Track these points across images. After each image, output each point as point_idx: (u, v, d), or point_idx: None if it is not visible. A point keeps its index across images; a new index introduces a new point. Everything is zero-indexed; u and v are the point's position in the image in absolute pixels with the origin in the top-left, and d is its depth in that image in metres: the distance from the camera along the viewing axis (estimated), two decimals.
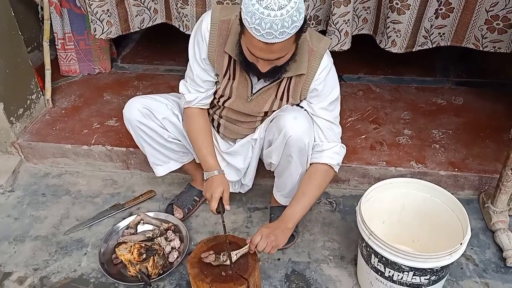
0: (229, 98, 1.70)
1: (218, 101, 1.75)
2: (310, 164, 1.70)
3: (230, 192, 1.72)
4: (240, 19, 1.38)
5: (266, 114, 1.73)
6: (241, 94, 1.67)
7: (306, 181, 1.70)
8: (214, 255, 1.63)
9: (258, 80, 1.62)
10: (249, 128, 1.80)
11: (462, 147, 2.18)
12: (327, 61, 1.59)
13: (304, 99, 1.65)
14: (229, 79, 1.66)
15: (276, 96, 1.66)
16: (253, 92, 1.65)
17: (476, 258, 1.82)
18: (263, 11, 1.30)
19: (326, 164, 1.66)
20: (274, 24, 1.30)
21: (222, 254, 1.62)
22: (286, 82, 1.62)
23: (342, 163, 1.75)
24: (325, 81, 1.60)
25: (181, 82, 1.76)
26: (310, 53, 1.56)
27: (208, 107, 1.78)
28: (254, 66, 1.48)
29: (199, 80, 1.69)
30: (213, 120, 1.85)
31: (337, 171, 1.71)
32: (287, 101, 1.67)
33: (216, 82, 1.72)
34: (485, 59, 2.28)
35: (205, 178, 1.71)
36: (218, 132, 1.87)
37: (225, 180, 1.70)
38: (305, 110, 1.66)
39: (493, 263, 1.80)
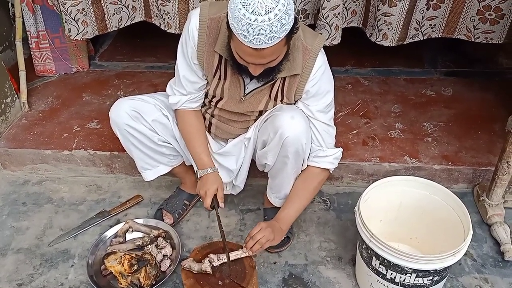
0: (221, 99, 1.64)
1: (211, 101, 1.68)
2: (308, 166, 1.65)
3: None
4: (228, 23, 1.30)
5: (260, 113, 1.67)
6: (233, 94, 1.61)
7: (302, 183, 1.67)
8: (207, 261, 1.58)
9: (251, 80, 1.55)
10: (242, 127, 1.74)
11: (454, 139, 2.16)
12: (321, 60, 1.53)
13: (299, 99, 1.59)
14: (219, 79, 1.59)
15: (270, 96, 1.59)
16: (246, 92, 1.59)
17: (474, 253, 1.81)
18: (250, 16, 1.23)
19: (327, 169, 1.66)
20: (262, 30, 1.23)
21: (217, 255, 1.59)
22: (280, 82, 1.56)
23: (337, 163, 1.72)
24: (320, 81, 1.55)
25: (168, 83, 1.70)
26: (304, 52, 1.49)
27: (198, 109, 1.72)
28: (246, 68, 1.41)
29: (184, 81, 1.62)
30: (204, 119, 1.78)
31: (331, 172, 1.71)
32: (281, 101, 1.61)
33: (205, 85, 1.65)
34: (473, 48, 2.27)
35: (198, 177, 1.67)
36: (209, 132, 1.80)
37: (219, 178, 1.68)
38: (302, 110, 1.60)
39: (491, 257, 1.79)
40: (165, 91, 1.73)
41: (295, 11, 2.04)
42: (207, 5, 1.51)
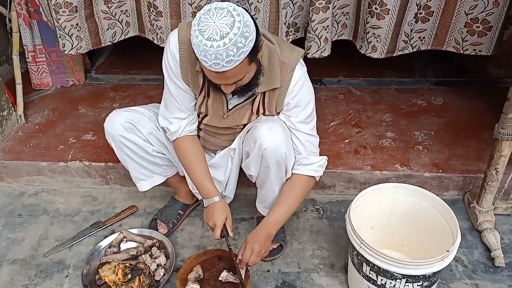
0: (206, 115, 1.67)
1: (197, 116, 1.70)
2: (293, 173, 1.67)
3: None
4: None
5: (244, 126, 1.69)
6: (216, 111, 1.64)
7: (289, 189, 1.67)
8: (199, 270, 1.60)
9: (233, 96, 1.58)
10: (228, 140, 1.76)
11: (445, 147, 2.19)
12: (300, 73, 1.54)
13: (281, 111, 1.62)
14: (204, 96, 1.62)
15: (252, 110, 1.62)
16: (229, 108, 1.62)
17: (465, 259, 1.82)
18: (206, 43, 1.26)
19: (312, 176, 1.67)
20: (219, 55, 1.26)
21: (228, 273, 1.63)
22: (261, 97, 1.58)
23: (327, 168, 1.74)
24: (300, 93, 1.56)
25: (160, 117, 1.71)
26: (281, 66, 1.51)
27: (196, 133, 1.73)
28: (220, 87, 1.45)
29: (180, 104, 1.63)
30: None
31: (317, 180, 1.72)
32: (263, 113, 1.63)
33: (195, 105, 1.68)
34: (463, 58, 2.31)
35: (205, 206, 1.64)
36: None
37: (226, 206, 1.64)
38: (283, 121, 1.62)
39: (482, 263, 1.81)
40: (160, 103, 1.74)
41: (285, 24, 2.10)
42: (185, 26, 1.52)
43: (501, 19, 2.00)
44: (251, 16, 1.34)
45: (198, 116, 1.70)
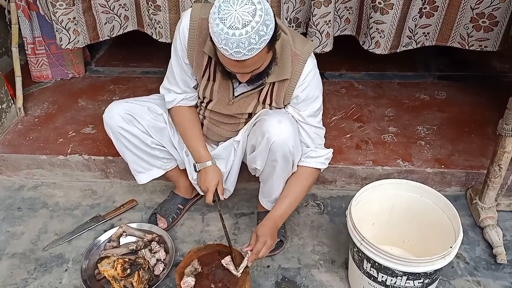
0: (211, 100, 1.66)
1: (202, 103, 1.70)
2: (298, 166, 1.67)
3: None
4: (210, 35, 1.32)
5: (250, 116, 1.68)
6: (222, 97, 1.63)
7: (294, 182, 1.69)
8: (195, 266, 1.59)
9: (240, 84, 1.57)
10: (232, 130, 1.75)
11: (447, 143, 2.17)
12: (311, 65, 1.54)
13: (288, 104, 1.61)
14: (208, 80, 1.61)
15: (258, 100, 1.61)
16: (235, 95, 1.61)
17: (467, 256, 1.81)
18: (228, 31, 1.25)
19: (318, 169, 1.68)
20: (241, 43, 1.25)
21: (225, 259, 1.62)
22: (269, 87, 1.57)
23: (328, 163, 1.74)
24: (309, 87, 1.56)
25: (161, 86, 1.74)
26: (293, 57, 1.51)
27: (193, 105, 1.74)
28: (234, 75, 1.44)
29: (178, 79, 1.66)
30: None
31: (322, 172, 1.74)
32: (270, 105, 1.62)
33: (196, 86, 1.68)
34: (467, 53, 2.28)
35: (197, 170, 1.69)
36: None
37: (218, 170, 1.70)
38: (291, 114, 1.62)
39: (484, 260, 1.79)
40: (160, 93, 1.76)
41: (286, 19, 2.07)
42: (199, 7, 1.53)
43: (508, 14, 1.97)
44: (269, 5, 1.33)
45: (202, 101, 1.69)
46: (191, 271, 1.59)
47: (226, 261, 1.61)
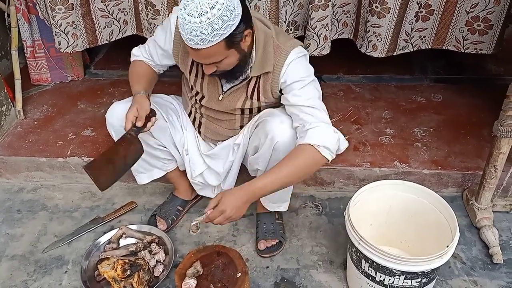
0: (203, 97, 1.69)
1: (196, 98, 1.73)
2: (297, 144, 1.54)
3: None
4: None
5: (242, 112, 1.69)
6: (212, 93, 1.66)
7: (286, 158, 1.49)
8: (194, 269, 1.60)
9: (220, 79, 1.61)
10: (229, 128, 1.76)
11: (444, 144, 2.19)
12: (293, 56, 1.52)
13: (280, 96, 1.61)
14: (196, 76, 1.65)
15: (247, 95, 1.63)
16: (224, 90, 1.63)
17: (463, 256, 1.83)
18: (185, 17, 1.31)
19: (310, 144, 1.46)
20: (194, 31, 1.31)
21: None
22: (256, 81, 1.59)
23: (326, 165, 1.67)
24: (293, 73, 1.52)
25: (137, 47, 1.80)
26: (275, 49, 1.53)
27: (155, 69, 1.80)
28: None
29: (153, 50, 1.73)
30: (194, 119, 1.82)
31: (326, 157, 1.48)
32: (259, 99, 1.63)
33: (167, 66, 1.79)
34: (462, 56, 2.31)
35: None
36: (199, 132, 1.84)
37: (143, 99, 1.58)
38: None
39: (480, 260, 1.81)
40: (161, 93, 1.82)
41: (285, 22, 2.09)
42: None
43: (502, 18, 1.99)
44: (244, 5, 1.37)
45: (196, 96, 1.73)
46: (193, 273, 1.59)
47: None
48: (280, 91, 1.60)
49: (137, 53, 1.79)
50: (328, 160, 1.50)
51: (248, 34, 1.44)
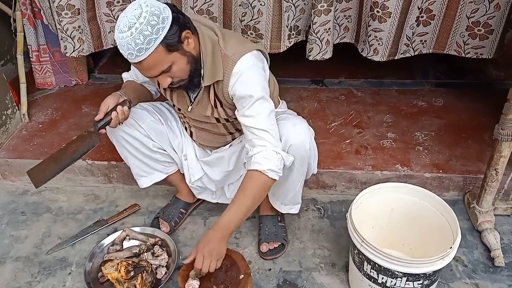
0: (180, 108, 1.72)
1: (175, 108, 1.77)
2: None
3: (212, 203, 1.77)
4: None
5: (218, 121, 1.68)
6: (182, 105, 1.68)
7: (240, 189, 1.55)
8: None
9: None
10: (217, 134, 1.76)
11: (445, 148, 2.20)
12: (242, 66, 1.49)
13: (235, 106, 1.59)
14: (165, 89, 1.67)
15: (211, 104, 1.63)
16: (191, 101, 1.65)
17: (465, 259, 1.84)
18: (118, 35, 1.34)
19: (257, 170, 1.50)
20: (129, 45, 1.33)
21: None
22: (211, 89, 1.59)
23: (328, 168, 1.72)
24: (241, 87, 1.50)
25: (126, 72, 1.84)
26: (223, 59, 1.50)
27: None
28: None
29: (139, 76, 1.77)
30: (186, 128, 1.85)
31: (273, 178, 1.52)
32: (222, 106, 1.62)
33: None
34: (463, 60, 2.34)
35: None
36: (194, 140, 1.86)
37: (113, 96, 1.63)
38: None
39: (482, 263, 1.82)
40: (161, 100, 1.83)
41: (287, 27, 2.11)
42: None
43: (503, 23, 2.01)
44: (175, 10, 1.39)
45: (175, 107, 1.76)
46: (195, 274, 1.61)
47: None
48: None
49: (126, 76, 1.84)
50: (277, 179, 1.54)
51: (189, 35, 1.42)
